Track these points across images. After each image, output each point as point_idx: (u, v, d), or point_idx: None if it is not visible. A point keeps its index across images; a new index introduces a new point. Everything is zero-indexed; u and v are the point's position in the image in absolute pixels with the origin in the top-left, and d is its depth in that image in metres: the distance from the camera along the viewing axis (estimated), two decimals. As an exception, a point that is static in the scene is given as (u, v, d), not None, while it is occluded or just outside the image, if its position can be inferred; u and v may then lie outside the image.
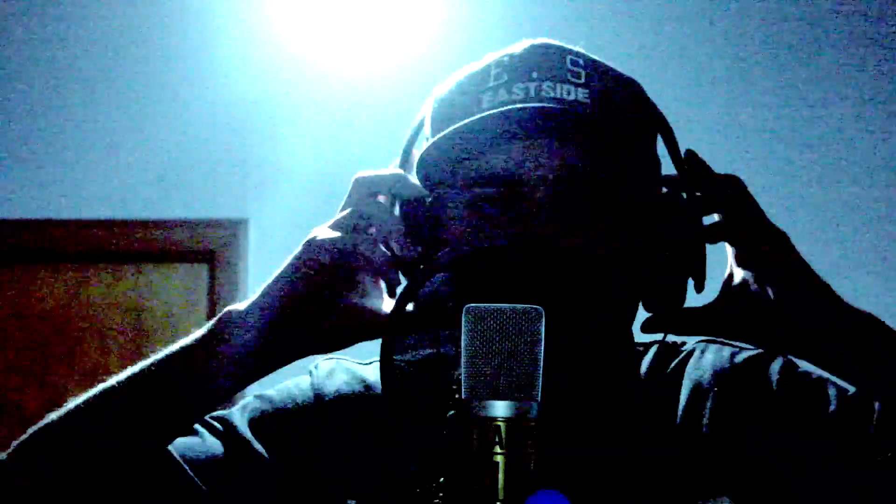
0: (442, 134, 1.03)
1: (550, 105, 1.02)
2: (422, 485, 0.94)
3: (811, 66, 3.23)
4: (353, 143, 3.17)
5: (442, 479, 0.89)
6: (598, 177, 1.03)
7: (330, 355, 1.17)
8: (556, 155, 1.02)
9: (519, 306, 0.79)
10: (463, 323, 0.79)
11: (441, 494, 0.89)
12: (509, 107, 1.01)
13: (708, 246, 1.06)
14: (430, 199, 1.08)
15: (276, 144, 3.20)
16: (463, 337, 0.79)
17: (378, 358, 1.15)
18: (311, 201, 3.18)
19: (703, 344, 1.14)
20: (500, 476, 0.77)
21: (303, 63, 3.24)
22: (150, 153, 3.23)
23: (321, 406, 1.13)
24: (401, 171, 1.09)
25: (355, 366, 1.17)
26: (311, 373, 1.19)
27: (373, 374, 1.14)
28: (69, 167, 3.25)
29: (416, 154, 1.09)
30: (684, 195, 1.07)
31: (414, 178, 1.09)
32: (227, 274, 3.19)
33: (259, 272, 3.18)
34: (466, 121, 1.02)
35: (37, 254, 3.29)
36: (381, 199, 1.07)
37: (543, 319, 0.80)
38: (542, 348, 0.79)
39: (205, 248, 3.21)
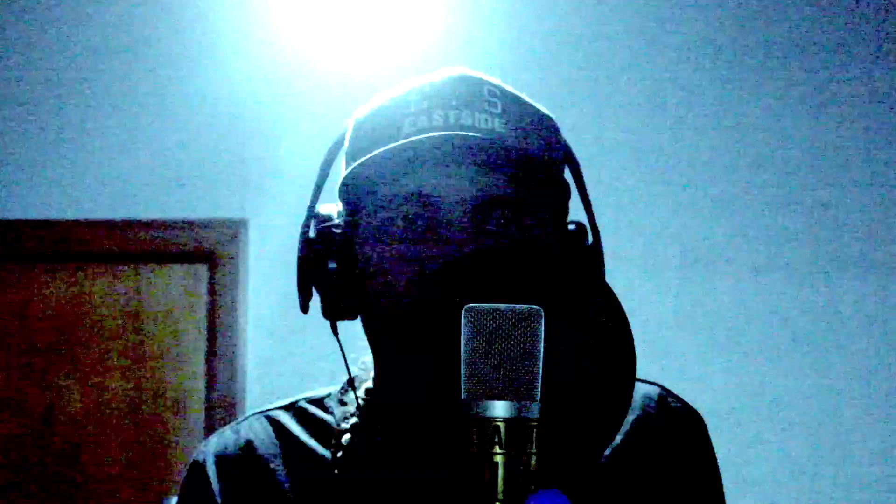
0: (365, 158, 1.05)
1: (470, 133, 1.04)
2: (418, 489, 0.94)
3: (811, 65, 3.23)
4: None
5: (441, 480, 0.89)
6: (518, 202, 1.06)
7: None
8: (476, 182, 1.05)
9: (518, 306, 0.79)
10: (462, 323, 0.79)
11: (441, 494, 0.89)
12: (431, 134, 1.04)
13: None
14: (344, 217, 1.11)
15: (276, 144, 3.20)
16: (462, 337, 0.79)
17: (248, 414, 1.21)
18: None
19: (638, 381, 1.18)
20: (500, 476, 0.77)
21: (303, 63, 3.24)
22: (150, 153, 3.23)
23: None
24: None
25: (227, 434, 1.19)
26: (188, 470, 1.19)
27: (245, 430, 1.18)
28: (69, 167, 3.25)
29: (339, 171, 1.12)
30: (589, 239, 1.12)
31: (326, 207, 1.13)
32: (227, 274, 3.19)
33: (259, 272, 3.18)
34: (389, 146, 1.04)
35: (37, 254, 3.29)
36: None
37: (543, 319, 0.80)
38: (542, 348, 0.79)
39: (205, 248, 3.22)
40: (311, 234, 1.12)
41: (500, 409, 0.78)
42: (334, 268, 1.11)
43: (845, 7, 3.24)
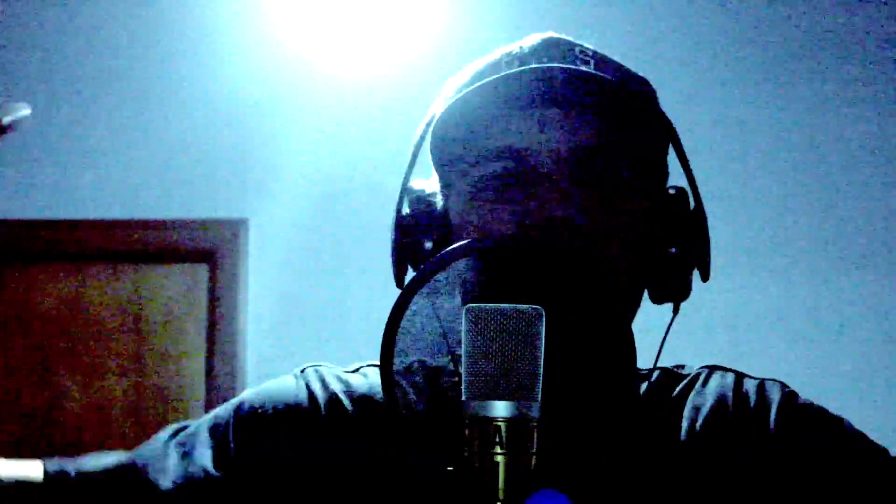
0: (456, 97, 1.02)
1: (566, 69, 1.00)
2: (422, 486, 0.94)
3: (813, 64, 3.23)
4: (353, 143, 3.18)
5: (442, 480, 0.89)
6: (616, 152, 1.02)
7: (313, 363, 1.17)
8: (571, 129, 1.01)
9: (520, 306, 0.79)
10: (463, 323, 0.79)
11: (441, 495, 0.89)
12: (524, 67, 1.00)
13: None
14: (440, 185, 1.08)
15: (276, 144, 3.20)
16: (463, 337, 0.79)
17: (361, 365, 1.15)
18: (311, 201, 3.20)
19: (705, 370, 1.15)
20: (500, 476, 0.77)
21: (303, 63, 3.24)
22: (150, 153, 3.23)
23: (315, 412, 1.11)
24: None
25: (342, 373, 1.16)
26: (297, 376, 1.17)
27: (357, 382, 1.14)
28: (69, 167, 3.25)
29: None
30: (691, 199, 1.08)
31: (419, 182, 1.09)
32: (227, 274, 3.19)
33: (259, 272, 3.18)
34: (480, 82, 1.00)
35: (37, 254, 3.29)
36: None
37: (544, 319, 0.79)
38: (543, 348, 0.79)
39: (205, 248, 3.22)
40: (405, 209, 1.08)
41: (500, 409, 0.78)
42: (430, 245, 1.06)
43: (846, 7, 3.23)
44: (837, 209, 3.17)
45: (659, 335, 1.10)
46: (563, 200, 0.99)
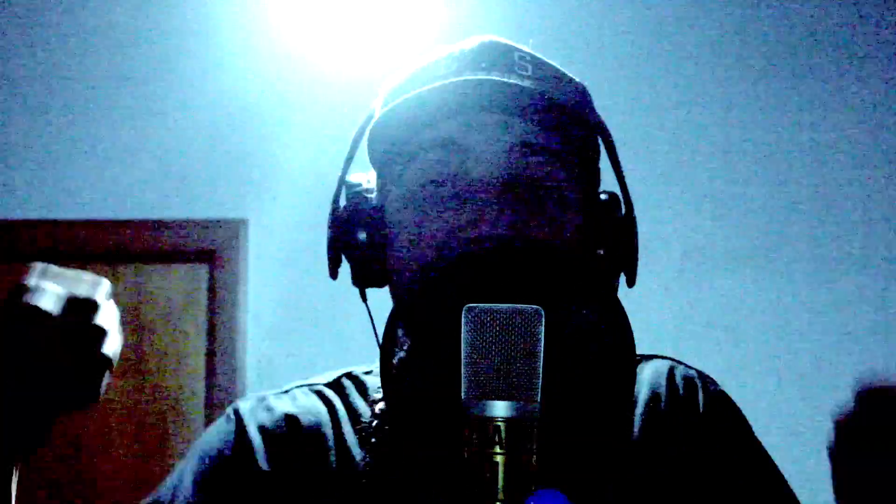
0: (395, 102, 1.04)
1: (501, 80, 1.02)
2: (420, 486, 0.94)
3: (813, 64, 3.23)
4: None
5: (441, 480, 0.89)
6: (552, 150, 1.03)
7: (245, 398, 1.18)
8: (510, 127, 1.02)
9: (519, 306, 0.79)
10: (463, 323, 0.79)
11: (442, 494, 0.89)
12: (463, 78, 1.02)
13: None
14: (377, 182, 1.09)
15: (276, 144, 3.20)
16: (463, 337, 0.79)
17: (291, 386, 1.17)
18: (310, 201, 3.19)
19: (646, 357, 1.16)
20: (500, 476, 0.77)
21: (303, 63, 3.24)
22: (150, 153, 3.23)
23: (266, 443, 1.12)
24: None
25: (275, 401, 1.16)
26: (230, 416, 1.17)
27: (289, 404, 1.15)
28: (69, 167, 3.25)
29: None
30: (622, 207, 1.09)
31: (357, 176, 1.12)
32: (227, 274, 3.19)
33: (259, 272, 3.18)
34: (420, 89, 1.02)
35: (37, 254, 3.28)
36: None
37: (543, 319, 0.80)
38: (542, 348, 0.79)
39: (205, 248, 3.22)
40: (342, 201, 1.11)
41: (500, 408, 0.78)
42: (364, 238, 1.09)
43: (846, 7, 3.23)
44: (837, 209, 3.17)
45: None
46: (499, 212, 1.00)
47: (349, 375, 1.18)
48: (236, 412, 1.15)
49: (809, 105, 3.21)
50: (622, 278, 1.08)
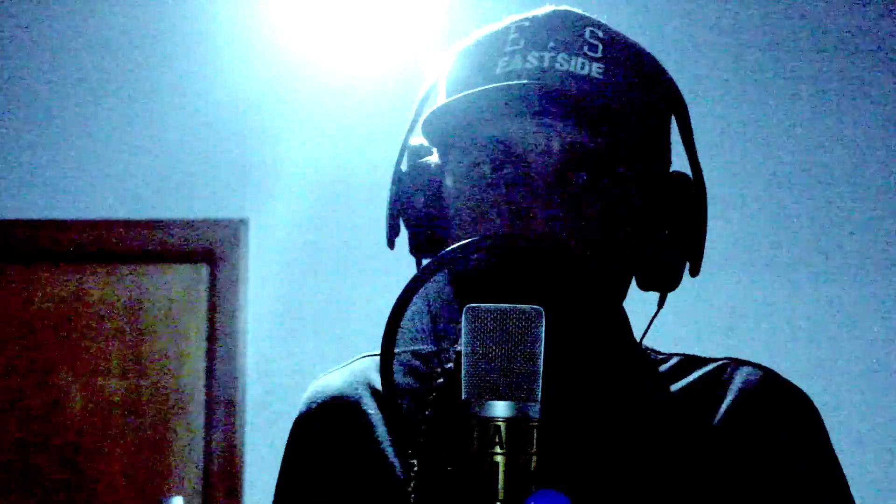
0: (451, 99, 1.02)
1: (556, 84, 1.01)
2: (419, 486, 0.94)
3: (813, 64, 3.23)
4: (352, 143, 3.17)
5: (442, 480, 0.89)
6: (602, 157, 1.01)
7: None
8: (563, 134, 1.00)
9: (519, 306, 0.79)
10: (463, 323, 0.79)
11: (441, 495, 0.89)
12: (519, 82, 1.00)
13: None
14: (438, 165, 1.08)
15: (276, 144, 3.20)
16: (463, 337, 0.79)
17: (349, 361, 1.18)
18: (311, 201, 3.20)
19: (731, 363, 1.12)
20: (500, 476, 0.77)
21: (303, 63, 3.24)
22: (149, 153, 3.23)
23: (312, 434, 1.16)
24: None
25: (323, 381, 1.19)
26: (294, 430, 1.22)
27: (340, 377, 1.17)
28: (69, 167, 3.25)
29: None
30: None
31: (416, 140, 1.10)
32: (227, 274, 3.19)
33: (259, 272, 3.18)
34: (474, 90, 1.01)
35: (37, 254, 3.29)
36: None
37: (544, 319, 0.79)
38: (543, 348, 0.79)
39: (205, 248, 3.21)
40: (403, 167, 1.09)
41: (500, 409, 0.78)
42: (422, 205, 1.07)
43: (847, 6, 3.23)
44: (838, 209, 3.17)
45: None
46: (551, 202, 0.99)
47: (416, 353, 1.15)
48: (298, 417, 1.20)
49: (810, 105, 3.21)
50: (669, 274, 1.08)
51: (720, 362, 1.12)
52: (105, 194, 3.23)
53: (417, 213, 1.07)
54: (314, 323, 3.11)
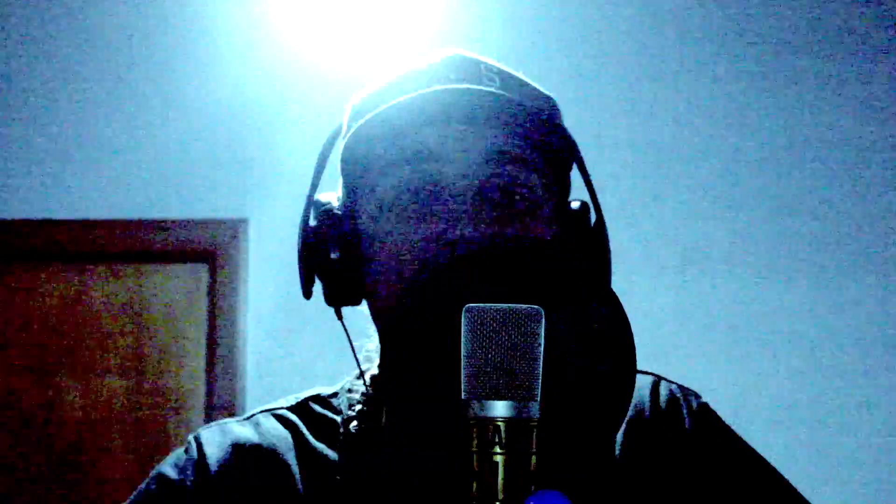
0: (368, 116, 1.04)
1: (474, 95, 1.02)
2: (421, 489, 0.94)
3: (814, 64, 3.23)
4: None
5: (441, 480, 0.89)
6: (526, 159, 1.03)
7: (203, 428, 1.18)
8: (484, 135, 1.02)
9: (518, 306, 0.79)
10: (462, 323, 0.79)
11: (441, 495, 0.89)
12: (431, 88, 1.02)
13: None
14: (345, 197, 1.09)
15: (276, 144, 3.20)
16: (462, 337, 0.79)
17: (254, 412, 1.18)
18: (311, 201, 3.20)
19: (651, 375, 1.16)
20: (500, 476, 0.77)
21: (303, 63, 3.24)
22: (150, 153, 3.23)
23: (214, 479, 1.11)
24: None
25: (237, 428, 1.16)
26: (190, 444, 1.15)
27: (251, 431, 1.15)
28: (69, 167, 3.25)
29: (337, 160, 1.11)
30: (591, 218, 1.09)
31: (326, 195, 1.11)
32: (227, 274, 3.19)
33: (259, 272, 3.18)
34: (390, 103, 1.02)
35: (37, 254, 3.29)
36: None
37: (543, 319, 0.79)
38: (542, 348, 0.79)
39: (205, 248, 3.22)
40: (312, 222, 1.10)
41: (500, 408, 0.78)
42: (337, 256, 1.08)
43: (848, 6, 3.23)
44: (838, 209, 3.17)
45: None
46: (476, 216, 1.00)
47: (315, 398, 1.18)
48: (196, 440, 1.14)
49: (810, 105, 3.21)
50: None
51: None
52: (105, 194, 3.23)
53: (332, 265, 1.08)
54: (314, 323, 3.11)
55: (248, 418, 1.18)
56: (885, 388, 3.07)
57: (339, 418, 1.13)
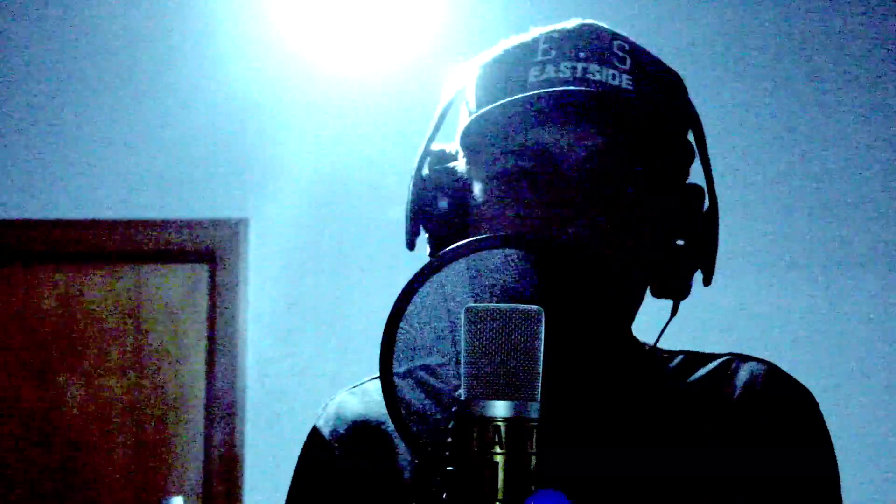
0: (489, 108, 1.03)
1: (593, 90, 1.03)
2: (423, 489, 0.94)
3: (814, 64, 3.23)
4: (353, 143, 3.17)
5: (442, 480, 0.89)
6: (631, 160, 1.03)
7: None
8: (596, 136, 1.02)
9: (519, 306, 0.79)
10: (463, 323, 0.79)
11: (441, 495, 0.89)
12: (556, 88, 1.02)
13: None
14: (464, 172, 1.09)
15: (276, 144, 3.20)
16: (463, 337, 0.79)
17: (363, 380, 1.16)
18: (311, 201, 3.20)
19: (736, 358, 1.13)
20: (500, 476, 0.77)
21: (303, 63, 3.24)
22: (149, 153, 3.23)
23: (332, 445, 1.13)
24: None
25: (340, 401, 1.18)
26: (311, 439, 1.18)
27: (358, 399, 1.16)
28: (69, 167, 3.25)
29: (461, 120, 1.10)
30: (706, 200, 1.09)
31: (443, 145, 1.11)
32: (227, 274, 3.19)
33: (259, 272, 3.18)
34: (512, 98, 1.02)
35: (37, 254, 3.29)
36: None
37: (543, 319, 0.79)
38: (542, 348, 0.79)
39: (205, 248, 3.22)
40: (425, 171, 1.10)
41: (500, 408, 0.78)
42: (444, 208, 1.08)
43: (847, 6, 3.23)
44: (838, 209, 3.17)
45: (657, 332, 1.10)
46: (575, 203, 1.00)
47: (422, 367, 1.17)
48: (314, 432, 1.16)
49: (811, 104, 3.21)
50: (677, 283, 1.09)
51: (724, 358, 1.12)
52: (105, 194, 3.23)
53: (439, 216, 1.08)
54: (314, 323, 3.11)
55: (359, 385, 1.18)
56: (886, 388, 3.07)
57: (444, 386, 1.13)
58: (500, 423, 0.77)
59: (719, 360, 1.12)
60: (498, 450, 0.77)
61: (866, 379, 3.07)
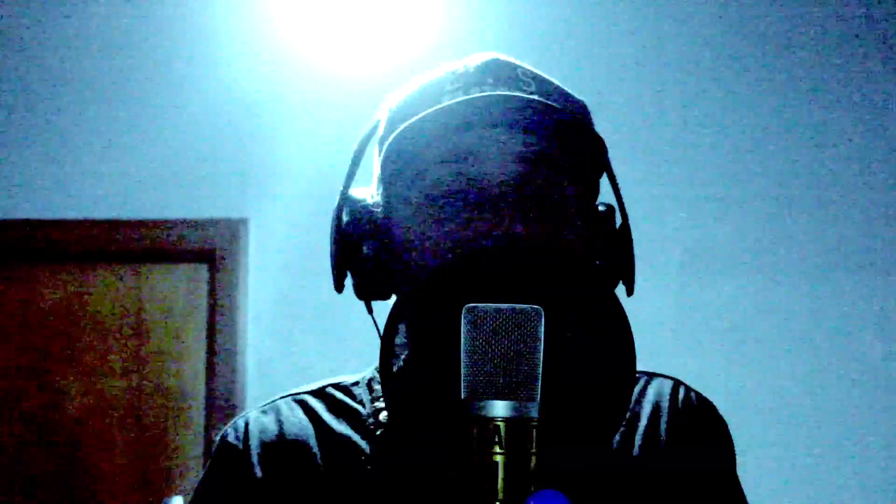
0: (411, 121, 1.05)
1: (520, 95, 1.05)
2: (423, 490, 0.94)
3: (814, 65, 3.23)
4: (353, 143, 3.17)
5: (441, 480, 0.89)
6: (561, 162, 1.06)
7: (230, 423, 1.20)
8: (521, 139, 1.05)
9: (519, 306, 0.79)
10: (462, 323, 0.79)
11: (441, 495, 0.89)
12: (475, 95, 1.05)
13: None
14: (382, 198, 1.11)
15: (276, 144, 3.20)
16: (463, 337, 0.79)
17: (276, 398, 1.19)
18: (311, 201, 3.19)
19: (645, 376, 1.19)
20: (500, 476, 0.77)
21: (303, 63, 3.24)
22: (150, 153, 3.23)
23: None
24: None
25: (259, 417, 1.18)
26: (222, 451, 1.17)
27: (272, 421, 1.16)
28: (69, 167, 3.25)
29: (375, 154, 1.13)
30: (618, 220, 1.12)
31: (359, 191, 1.13)
32: (227, 274, 3.19)
33: (259, 272, 3.18)
34: (434, 108, 1.04)
35: (37, 254, 3.29)
36: None
37: (543, 319, 0.80)
38: (542, 348, 0.79)
39: (205, 248, 3.21)
40: (345, 217, 1.12)
41: (500, 408, 0.78)
42: (369, 251, 1.10)
43: (849, 6, 3.23)
44: (838, 210, 3.17)
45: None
46: (511, 217, 1.02)
47: (336, 385, 1.19)
48: (223, 442, 1.16)
49: (810, 104, 3.21)
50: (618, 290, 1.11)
51: (642, 377, 1.18)
52: (105, 194, 3.23)
53: (365, 259, 1.10)
54: (314, 323, 3.11)
55: (270, 403, 1.19)
56: (885, 388, 3.07)
57: (360, 408, 1.14)
58: (500, 423, 0.77)
59: (641, 379, 1.18)
60: (498, 449, 0.77)
61: (866, 379, 3.07)
